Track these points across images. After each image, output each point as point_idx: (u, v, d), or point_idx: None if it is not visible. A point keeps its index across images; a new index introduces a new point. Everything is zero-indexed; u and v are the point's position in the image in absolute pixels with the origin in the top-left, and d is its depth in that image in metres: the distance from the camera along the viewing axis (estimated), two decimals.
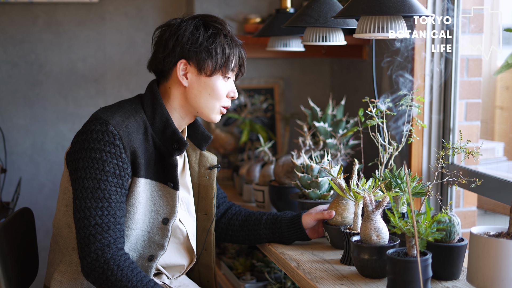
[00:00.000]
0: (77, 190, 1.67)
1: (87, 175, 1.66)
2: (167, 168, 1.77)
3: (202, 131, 1.92)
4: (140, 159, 1.72)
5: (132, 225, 1.74)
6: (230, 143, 3.08)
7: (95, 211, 1.65)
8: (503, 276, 1.45)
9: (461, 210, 2.44)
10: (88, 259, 1.63)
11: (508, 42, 2.21)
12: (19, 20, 3.06)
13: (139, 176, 1.72)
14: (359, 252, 1.64)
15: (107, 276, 1.62)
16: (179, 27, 1.77)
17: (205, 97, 1.79)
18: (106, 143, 1.66)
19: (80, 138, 1.70)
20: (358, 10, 1.68)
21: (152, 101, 1.78)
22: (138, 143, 1.72)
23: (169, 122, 1.77)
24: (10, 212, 2.60)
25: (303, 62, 3.29)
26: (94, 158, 1.66)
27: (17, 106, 3.10)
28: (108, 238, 1.65)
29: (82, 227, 1.65)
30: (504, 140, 2.54)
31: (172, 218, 1.78)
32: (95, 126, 1.68)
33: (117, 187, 1.68)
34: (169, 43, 1.77)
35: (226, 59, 1.78)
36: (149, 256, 1.78)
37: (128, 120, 1.72)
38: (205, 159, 1.94)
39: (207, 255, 1.98)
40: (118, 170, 1.68)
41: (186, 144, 1.77)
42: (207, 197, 1.95)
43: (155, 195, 1.77)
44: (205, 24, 1.79)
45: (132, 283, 1.62)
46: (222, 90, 1.80)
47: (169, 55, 1.77)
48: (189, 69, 1.78)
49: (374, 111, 1.89)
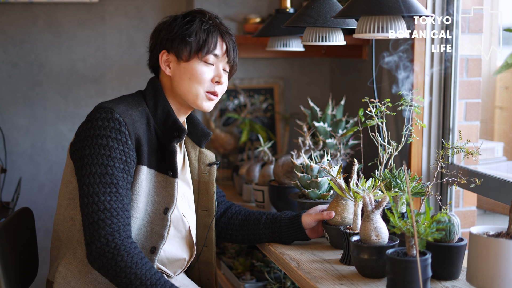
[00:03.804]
0: (84, 176, 1.68)
1: (94, 161, 1.67)
2: (167, 156, 1.80)
3: (201, 128, 1.96)
4: (144, 147, 1.75)
5: (136, 214, 1.75)
6: (230, 143, 3.08)
7: (103, 196, 1.66)
8: (502, 276, 1.45)
9: (460, 210, 2.44)
10: (98, 244, 1.63)
11: (507, 42, 2.21)
12: (19, 20, 3.06)
13: (142, 164, 1.75)
14: (359, 252, 1.64)
15: (116, 261, 1.63)
16: (163, 23, 1.86)
17: (186, 82, 1.83)
18: (112, 129, 1.69)
19: (86, 127, 1.72)
20: (358, 10, 1.68)
21: (154, 94, 1.84)
22: (142, 132, 1.75)
23: (171, 113, 1.82)
24: (10, 212, 2.60)
25: (303, 62, 3.29)
26: (100, 144, 1.68)
27: (17, 106, 3.10)
28: (117, 223, 1.65)
29: (91, 212, 1.65)
30: (504, 140, 2.54)
31: (171, 207, 1.79)
32: (100, 114, 1.71)
33: (124, 173, 1.69)
34: (152, 39, 1.88)
35: (202, 43, 1.81)
36: (151, 247, 1.78)
37: (131, 110, 1.76)
38: (204, 156, 1.97)
39: (208, 251, 1.99)
40: (124, 156, 1.70)
41: (185, 131, 1.81)
42: (207, 193, 1.96)
43: (157, 186, 1.79)
44: (185, 15, 1.86)
45: (141, 271, 1.63)
46: (202, 73, 1.82)
47: (154, 49, 1.87)
48: (170, 58, 1.84)
49: (374, 111, 1.89)
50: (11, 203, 2.65)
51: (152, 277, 1.63)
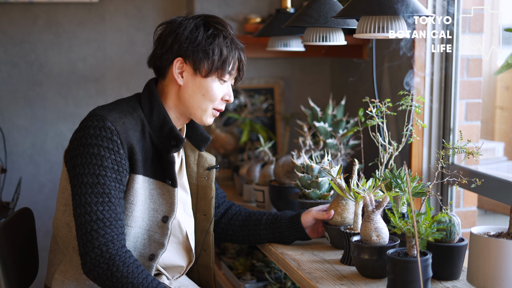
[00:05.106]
0: (76, 186, 1.67)
1: (85, 170, 1.66)
2: (165, 165, 1.77)
3: (201, 132, 1.91)
4: (137, 155, 1.71)
5: (131, 223, 1.73)
6: (230, 143, 3.08)
7: (95, 206, 1.64)
8: (503, 276, 1.45)
9: (461, 210, 2.44)
10: (92, 255, 1.63)
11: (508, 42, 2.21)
12: (19, 20, 3.06)
13: (136, 173, 1.72)
14: (359, 252, 1.64)
15: (112, 272, 1.62)
16: (180, 25, 1.76)
17: (199, 98, 1.78)
18: (103, 138, 1.66)
19: (78, 135, 1.69)
20: (358, 10, 1.68)
21: (149, 99, 1.78)
22: (136, 140, 1.72)
23: (167, 119, 1.77)
24: (10, 212, 2.60)
25: (303, 62, 3.29)
26: (92, 153, 1.66)
27: (17, 106, 3.10)
28: (111, 233, 1.64)
29: (84, 222, 1.64)
30: (504, 140, 2.54)
31: (171, 216, 1.77)
32: (92, 122, 1.68)
33: (116, 182, 1.67)
34: (167, 40, 1.76)
35: (223, 62, 1.76)
36: (150, 255, 1.77)
37: (125, 117, 1.72)
38: (204, 159, 1.93)
39: (206, 255, 1.98)
40: (116, 165, 1.67)
41: (183, 141, 1.77)
42: (206, 197, 1.94)
43: (154, 193, 1.77)
44: (206, 24, 1.78)
45: (138, 280, 1.62)
46: (216, 92, 1.79)
47: (166, 52, 1.76)
48: (185, 68, 1.77)
49: (374, 111, 1.89)
50: (11, 203, 2.65)
51: (149, 285, 1.62)
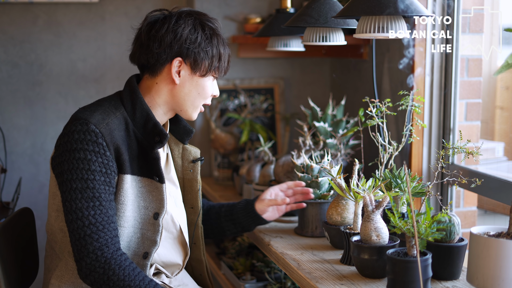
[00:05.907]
0: (66, 192, 1.65)
1: (73, 176, 1.65)
2: (150, 162, 1.76)
3: (184, 125, 1.91)
4: (124, 155, 1.71)
5: (124, 223, 1.73)
6: (230, 143, 3.08)
7: (87, 211, 1.63)
8: (503, 276, 1.45)
9: (461, 210, 2.44)
10: (87, 260, 1.62)
11: (508, 42, 2.21)
12: (19, 20, 3.06)
13: (124, 173, 1.71)
14: (359, 252, 1.64)
15: (108, 276, 1.62)
16: (177, 24, 1.76)
17: (194, 96, 1.80)
18: (88, 142, 1.65)
19: (62, 140, 1.68)
20: (358, 10, 1.68)
21: (131, 97, 1.77)
22: (121, 140, 1.71)
23: (150, 116, 1.76)
24: (10, 212, 2.60)
25: (303, 62, 3.29)
26: (78, 158, 1.64)
27: (17, 106, 3.10)
28: (104, 237, 1.64)
29: (76, 228, 1.63)
30: (504, 140, 2.54)
31: (162, 212, 1.77)
32: (75, 126, 1.66)
33: (105, 185, 1.67)
34: (166, 38, 1.75)
35: (219, 60, 1.80)
36: (144, 253, 1.77)
37: (108, 118, 1.71)
38: (188, 152, 1.92)
39: (197, 248, 1.98)
40: (104, 168, 1.66)
41: (167, 137, 1.76)
42: (192, 190, 1.94)
43: (143, 191, 1.76)
44: (202, 24, 1.79)
45: (135, 282, 1.62)
46: (209, 90, 1.83)
47: (165, 51, 1.75)
48: (183, 67, 1.77)
49: (374, 111, 1.89)
50: (11, 203, 2.65)
51: (146, 287, 1.63)
